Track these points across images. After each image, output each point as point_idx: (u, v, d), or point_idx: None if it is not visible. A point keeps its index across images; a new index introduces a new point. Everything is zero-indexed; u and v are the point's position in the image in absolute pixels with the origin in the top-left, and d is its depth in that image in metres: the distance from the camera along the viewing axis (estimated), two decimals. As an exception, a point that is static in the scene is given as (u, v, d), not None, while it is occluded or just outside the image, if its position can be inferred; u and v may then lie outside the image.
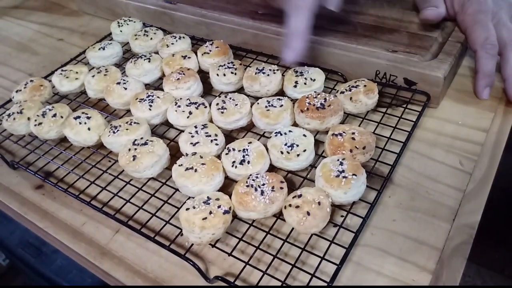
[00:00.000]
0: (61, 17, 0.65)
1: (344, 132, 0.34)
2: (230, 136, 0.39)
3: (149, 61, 0.45)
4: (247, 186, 0.31)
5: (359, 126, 0.36)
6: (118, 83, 0.43)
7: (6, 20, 0.67)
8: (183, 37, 0.49)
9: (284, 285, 0.27)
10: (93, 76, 0.44)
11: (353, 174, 0.30)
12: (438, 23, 0.43)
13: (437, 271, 0.28)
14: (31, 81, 0.45)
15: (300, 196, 0.30)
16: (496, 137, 0.37)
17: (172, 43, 0.48)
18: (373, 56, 0.40)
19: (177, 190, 0.35)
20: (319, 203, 0.29)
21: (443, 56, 0.40)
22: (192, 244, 0.31)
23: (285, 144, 0.34)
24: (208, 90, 0.45)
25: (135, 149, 0.35)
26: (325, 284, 0.27)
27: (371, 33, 0.44)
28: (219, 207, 0.30)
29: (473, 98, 0.41)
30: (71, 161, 0.40)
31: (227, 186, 0.35)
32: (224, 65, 0.43)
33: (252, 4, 0.51)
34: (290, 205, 0.30)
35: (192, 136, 0.36)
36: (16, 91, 0.45)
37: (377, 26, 0.45)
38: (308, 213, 0.29)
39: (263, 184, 0.31)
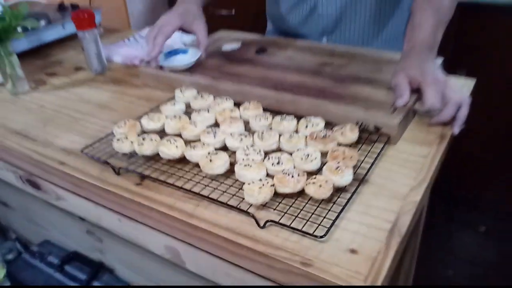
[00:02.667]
0: (129, 88, 0.90)
1: (338, 150, 0.57)
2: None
3: (208, 112, 0.69)
4: (283, 173, 0.52)
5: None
6: (190, 123, 0.65)
7: (88, 87, 0.91)
8: (228, 99, 0.73)
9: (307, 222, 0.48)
10: (171, 119, 0.67)
11: (346, 167, 0.52)
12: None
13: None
14: (128, 120, 0.68)
15: (314, 178, 0.52)
16: (431, 159, 0.60)
17: (221, 102, 0.72)
18: (355, 113, 0.65)
19: (236, 180, 0.56)
20: (326, 181, 0.51)
21: (399, 111, 0.64)
22: (251, 205, 0.51)
23: (304, 155, 0.56)
24: (247, 130, 0.68)
25: (210, 156, 0.57)
26: (333, 218, 0.47)
27: (360, 101, 0.69)
28: (267, 182, 0.51)
29: (419, 137, 0.65)
30: (162, 167, 0.60)
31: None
32: (259, 115, 0.67)
33: (273, 81, 0.76)
34: (309, 183, 0.51)
35: (244, 151, 0.58)
36: (118, 127, 0.67)
37: (367, 99, 0.70)
38: (320, 186, 0.50)
39: (292, 173, 0.52)
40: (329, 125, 0.65)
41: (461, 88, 0.77)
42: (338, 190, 0.53)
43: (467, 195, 1.77)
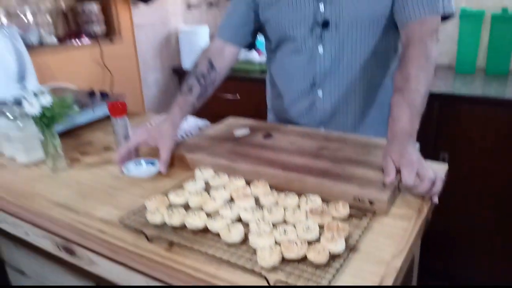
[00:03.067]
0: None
1: (333, 223, 0.70)
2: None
3: (224, 189, 0.82)
4: (289, 242, 0.65)
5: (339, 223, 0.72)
6: (209, 198, 0.79)
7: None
8: (240, 178, 0.87)
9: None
10: (194, 195, 0.81)
11: (339, 237, 0.65)
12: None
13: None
14: (157, 196, 0.81)
15: (314, 246, 0.64)
16: (410, 232, 0.72)
17: (235, 181, 0.86)
18: (352, 190, 0.79)
19: (250, 247, 0.68)
20: (323, 249, 0.63)
21: (388, 188, 0.78)
22: (262, 267, 0.63)
23: (305, 226, 0.69)
24: (257, 205, 0.81)
25: (228, 227, 0.69)
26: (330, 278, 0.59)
27: (356, 180, 0.83)
28: (276, 249, 0.63)
29: (401, 212, 0.77)
30: (187, 235, 0.73)
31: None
32: (267, 192, 0.80)
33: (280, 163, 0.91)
34: (310, 250, 0.63)
35: (256, 223, 0.71)
36: (149, 200, 0.80)
37: (361, 177, 0.85)
38: (319, 252, 0.62)
39: (296, 241, 0.65)
40: (325, 201, 0.79)
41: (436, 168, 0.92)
42: (333, 256, 0.65)
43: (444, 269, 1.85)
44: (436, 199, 0.81)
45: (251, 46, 1.23)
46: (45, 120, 1.00)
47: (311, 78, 1.13)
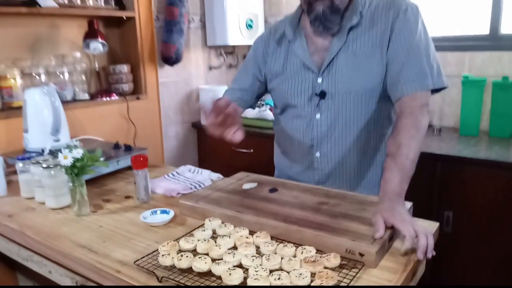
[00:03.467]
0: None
1: (323, 271, 0.77)
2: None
3: (229, 237, 0.92)
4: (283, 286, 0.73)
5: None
6: (215, 245, 0.88)
7: (136, 212, 1.16)
8: (245, 228, 0.96)
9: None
10: (202, 242, 0.90)
11: (327, 284, 0.73)
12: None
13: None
14: (169, 241, 0.91)
15: (304, 291, 0.72)
16: (395, 282, 0.79)
17: (239, 231, 0.95)
18: (345, 242, 0.87)
19: (248, 290, 0.76)
20: (312, 293, 0.71)
21: (377, 242, 0.86)
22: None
23: (298, 273, 0.77)
24: (258, 253, 0.90)
25: (230, 271, 0.78)
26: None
27: (350, 233, 0.91)
28: (270, 292, 0.71)
29: (388, 265, 0.84)
30: (194, 277, 0.81)
31: None
32: (267, 242, 0.89)
33: (284, 215, 1.00)
34: (300, 294, 0.71)
35: (255, 268, 0.79)
36: (162, 246, 0.90)
37: (354, 231, 0.93)
38: (308, 296, 0.70)
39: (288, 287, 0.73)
40: (320, 251, 0.87)
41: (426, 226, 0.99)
42: (322, 302, 0.73)
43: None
44: (430, 255, 0.87)
45: (253, 106, 1.41)
46: (75, 170, 1.13)
47: (309, 140, 1.24)
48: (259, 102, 2.19)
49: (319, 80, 1.19)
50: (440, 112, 2.25)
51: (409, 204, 1.06)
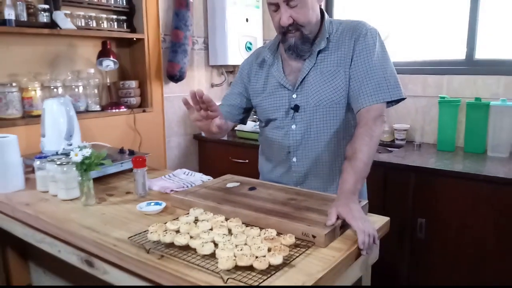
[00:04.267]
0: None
1: (277, 245, 0.96)
2: (237, 250, 1.01)
3: (207, 222, 1.11)
4: (242, 254, 0.91)
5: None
6: (195, 227, 1.07)
7: (133, 204, 1.36)
8: (221, 216, 1.15)
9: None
10: (184, 224, 1.09)
11: (278, 254, 0.91)
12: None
13: None
14: (157, 223, 1.10)
15: (258, 258, 0.90)
16: (336, 259, 0.97)
17: (217, 217, 1.14)
18: (302, 227, 1.05)
19: (216, 258, 0.94)
20: (265, 260, 0.89)
21: (328, 227, 1.04)
22: (220, 270, 0.89)
23: (257, 246, 0.95)
24: (230, 234, 1.08)
25: (202, 244, 0.97)
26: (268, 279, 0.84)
27: (307, 221, 1.09)
28: (232, 258, 0.90)
29: (336, 246, 1.02)
30: (174, 250, 1.00)
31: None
32: (238, 225, 1.08)
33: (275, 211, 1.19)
34: (255, 261, 0.89)
35: (224, 243, 0.98)
36: (152, 226, 1.09)
37: (312, 220, 1.11)
38: (260, 262, 0.88)
39: (247, 255, 0.91)
40: (280, 234, 1.05)
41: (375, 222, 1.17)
42: (274, 267, 0.91)
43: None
44: (364, 252, 1.04)
45: (243, 121, 1.60)
46: (84, 166, 1.33)
47: (287, 147, 1.43)
48: (254, 117, 2.40)
49: (294, 95, 1.39)
50: (421, 130, 2.43)
51: (364, 202, 1.24)
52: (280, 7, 1.27)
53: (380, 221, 1.20)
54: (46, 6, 2.05)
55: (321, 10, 1.38)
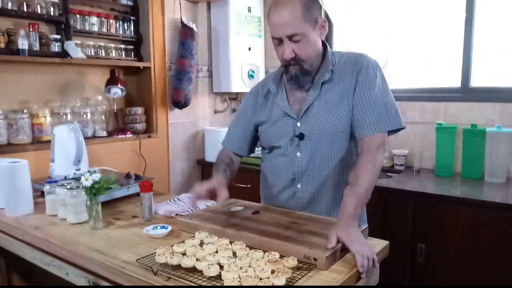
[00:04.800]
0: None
1: (280, 268, 1.00)
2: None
3: (212, 244, 1.15)
4: (247, 276, 0.95)
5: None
6: (201, 249, 1.11)
7: (140, 228, 1.40)
8: (226, 239, 1.19)
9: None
10: (190, 246, 1.13)
11: (281, 276, 0.95)
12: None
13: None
14: (164, 246, 1.14)
15: (262, 280, 0.94)
16: (339, 280, 1.01)
17: (221, 240, 1.18)
18: (303, 250, 1.09)
19: (222, 279, 0.98)
20: (269, 282, 0.93)
21: (329, 251, 1.08)
22: (226, 292, 0.93)
23: (261, 268, 0.99)
24: (235, 256, 1.12)
25: (209, 266, 1.01)
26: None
27: (309, 244, 1.13)
28: (238, 280, 0.94)
29: (337, 269, 1.06)
30: (181, 272, 1.03)
31: None
32: (242, 248, 1.12)
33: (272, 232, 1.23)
34: (260, 283, 0.93)
35: (229, 265, 1.02)
36: (159, 249, 1.13)
37: (314, 243, 1.15)
38: (264, 283, 0.92)
39: (251, 276, 0.95)
40: (282, 256, 1.09)
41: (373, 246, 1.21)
42: (277, 289, 0.94)
43: None
44: (363, 275, 1.07)
45: (251, 152, 1.66)
46: (93, 190, 1.38)
47: (292, 174, 1.48)
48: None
49: (299, 124, 1.45)
50: (419, 155, 2.49)
51: (364, 226, 1.28)
52: (283, 41, 1.35)
53: (379, 244, 1.24)
54: (58, 36, 2.15)
55: (323, 42, 1.45)
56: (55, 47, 2.13)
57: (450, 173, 2.26)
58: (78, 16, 2.25)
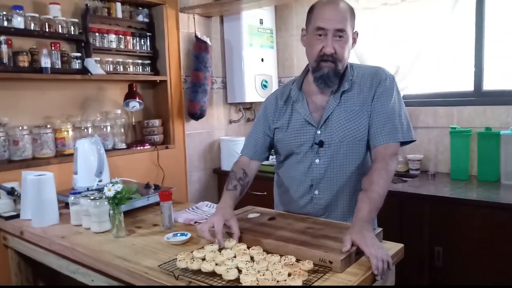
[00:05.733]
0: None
1: (297, 270, 1.03)
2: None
3: (231, 250, 1.19)
4: (265, 279, 0.99)
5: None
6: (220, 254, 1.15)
7: (161, 236, 1.45)
8: (243, 244, 1.23)
9: None
10: (209, 252, 1.17)
11: (298, 278, 0.98)
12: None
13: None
14: (185, 252, 1.19)
15: (279, 282, 0.98)
16: (354, 282, 1.03)
17: (239, 245, 1.22)
18: (319, 254, 1.12)
19: (241, 283, 1.02)
20: (286, 284, 0.97)
21: (343, 254, 1.11)
22: (245, 294, 0.97)
23: (278, 271, 1.03)
24: (252, 260, 1.16)
25: (227, 270, 1.05)
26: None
27: (324, 248, 1.17)
28: (256, 283, 0.98)
29: (352, 271, 1.09)
30: (201, 276, 1.08)
31: None
32: (259, 252, 1.16)
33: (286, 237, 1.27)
34: (277, 285, 0.97)
35: (247, 269, 1.06)
36: (180, 255, 1.18)
37: (329, 247, 1.18)
38: (281, 285, 0.96)
39: (269, 279, 0.99)
40: (298, 260, 1.13)
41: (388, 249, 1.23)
42: (294, 291, 0.98)
43: None
44: (378, 277, 1.10)
45: (267, 158, 1.68)
46: (116, 200, 1.44)
47: (310, 180, 1.51)
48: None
49: (318, 132, 1.49)
50: (434, 160, 2.49)
51: (378, 230, 1.31)
52: (327, 35, 1.39)
53: (394, 247, 1.26)
54: (78, 54, 2.24)
55: None
56: (76, 64, 2.23)
57: (466, 177, 2.26)
58: (97, 34, 2.34)
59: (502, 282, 1.83)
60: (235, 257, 1.17)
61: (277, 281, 1.00)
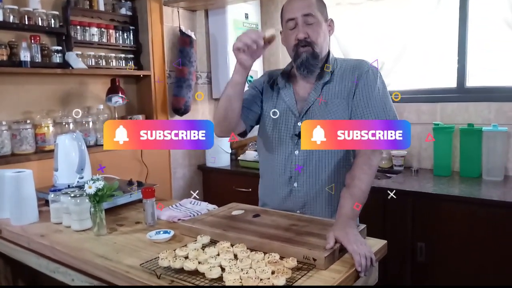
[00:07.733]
0: (169, 235, 1.41)
1: (280, 268, 1.02)
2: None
3: (214, 247, 1.17)
4: (248, 277, 0.98)
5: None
6: (203, 252, 1.14)
7: (143, 233, 1.43)
8: (227, 242, 1.22)
9: None
10: (192, 250, 1.16)
11: (281, 276, 0.97)
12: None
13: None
14: (167, 250, 1.17)
15: (262, 280, 0.97)
16: (338, 279, 1.03)
17: (223, 243, 1.21)
18: (303, 251, 1.12)
19: (223, 281, 1.00)
20: (269, 282, 0.96)
21: (327, 251, 1.10)
22: (227, 293, 0.95)
23: (261, 269, 1.02)
24: (236, 258, 1.14)
25: (210, 268, 1.04)
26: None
27: (308, 245, 1.16)
28: (239, 282, 0.97)
29: (336, 268, 1.08)
30: (184, 275, 1.06)
31: None
32: (243, 250, 1.15)
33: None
34: (260, 283, 0.96)
35: (230, 267, 1.05)
36: (162, 253, 1.16)
37: (312, 244, 1.18)
38: (264, 283, 0.95)
39: (252, 277, 0.98)
40: (282, 258, 1.12)
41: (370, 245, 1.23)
42: (277, 289, 0.97)
43: None
44: (362, 274, 1.10)
45: (248, 130, 1.60)
46: (97, 197, 1.41)
47: (289, 172, 1.51)
48: (256, 147, 2.49)
49: (299, 123, 1.48)
50: (418, 156, 2.51)
51: (362, 226, 1.31)
52: (298, 24, 1.42)
53: (377, 244, 1.26)
54: (59, 48, 2.19)
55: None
56: (57, 58, 2.17)
57: (448, 173, 2.29)
58: (78, 27, 2.29)
59: (484, 277, 1.86)
60: (218, 255, 1.15)
61: (261, 279, 0.99)
